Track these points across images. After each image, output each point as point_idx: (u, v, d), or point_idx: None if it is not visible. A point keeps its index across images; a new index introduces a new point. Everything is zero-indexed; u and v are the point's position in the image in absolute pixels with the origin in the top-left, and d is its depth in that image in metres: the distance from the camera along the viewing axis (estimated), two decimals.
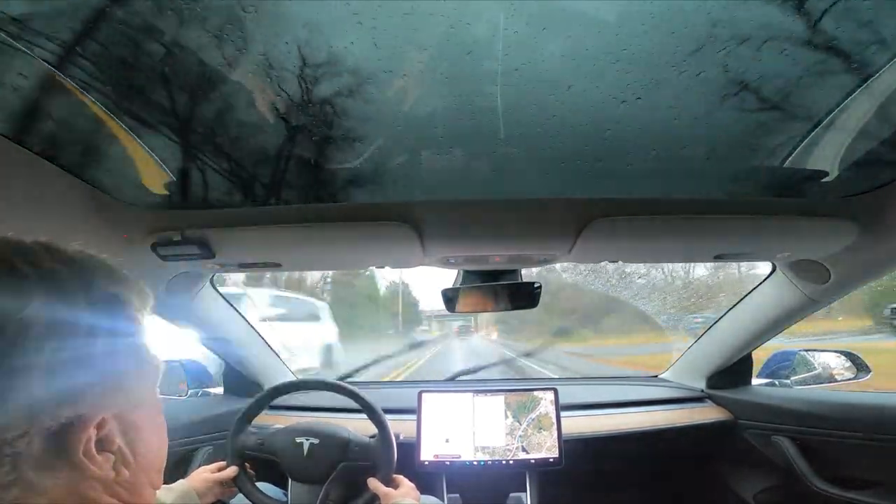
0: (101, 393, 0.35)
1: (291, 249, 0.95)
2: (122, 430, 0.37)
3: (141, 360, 0.39)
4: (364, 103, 0.58)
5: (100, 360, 0.34)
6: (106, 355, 0.35)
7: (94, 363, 0.34)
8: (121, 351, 0.37)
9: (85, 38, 0.47)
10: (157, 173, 0.72)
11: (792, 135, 0.65)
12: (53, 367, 0.31)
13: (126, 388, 0.37)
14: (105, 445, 0.35)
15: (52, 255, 0.35)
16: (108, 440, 0.35)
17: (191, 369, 1.52)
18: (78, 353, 0.33)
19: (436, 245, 0.90)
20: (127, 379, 0.37)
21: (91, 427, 0.33)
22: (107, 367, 0.35)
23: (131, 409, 0.38)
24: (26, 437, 0.31)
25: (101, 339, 0.35)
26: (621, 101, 0.57)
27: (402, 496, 0.97)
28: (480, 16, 0.46)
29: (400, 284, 17.01)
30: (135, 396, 0.38)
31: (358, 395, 1.11)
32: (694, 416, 1.44)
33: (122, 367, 0.37)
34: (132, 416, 0.38)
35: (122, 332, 0.37)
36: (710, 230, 0.88)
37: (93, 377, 0.34)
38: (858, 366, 1.37)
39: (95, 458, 0.34)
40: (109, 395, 0.35)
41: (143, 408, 0.39)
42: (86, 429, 0.33)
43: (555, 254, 0.96)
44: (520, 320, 13.75)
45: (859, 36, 0.47)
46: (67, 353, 0.32)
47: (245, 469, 1.07)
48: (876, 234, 0.84)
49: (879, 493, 1.14)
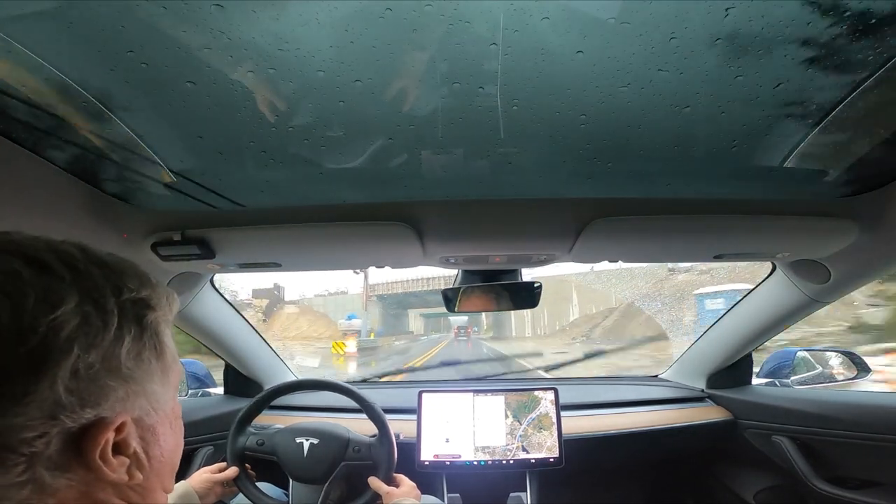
0: (125, 397, 0.35)
1: (291, 249, 0.95)
2: (140, 433, 0.37)
3: (165, 365, 0.39)
4: (364, 103, 0.58)
5: (125, 362, 0.34)
6: (131, 358, 0.35)
7: (118, 366, 0.34)
8: (145, 354, 0.37)
9: (85, 38, 0.47)
10: (158, 173, 0.72)
11: (792, 135, 0.65)
12: (80, 369, 0.31)
13: (148, 393, 0.37)
14: (121, 449, 0.35)
15: (86, 257, 0.35)
16: (124, 444, 0.35)
17: (191, 369, 1.52)
18: (105, 355, 0.33)
19: (436, 245, 0.91)
20: (150, 383, 0.37)
21: (110, 430, 0.33)
22: (132, 370, 0.35)
23: (151, 413, 0.38)
24: (45, 437, 0.30)
25: (128, 341, 0.35)
26: (621, 101, 0.57)
27: (404, 495, 0.97)
28: (480, 16, 0.46)
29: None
30: (156, 401, 0.38)
31: (358, 395, 1.11)
32: (694, 415, 1.44)
33: (145, 371, 0.36)
34: (151, 420, 0.38)
35: (149, 335, 0.37)
36: (710, 230, 0.88)
37: (117, 380, 0.34)
38: (859, 366, 1.37)
39: (111, 462, 0.34)
40: (132, 398, 0.35)
41: (162, 412, 0.39)
42: (105, 432, 0.33)
43: (555, 254, 0.96)
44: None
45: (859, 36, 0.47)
46: (95, 355, 0.32)
47: (245, 469, 1.07)
48: (876, 233, 0.84)
49: (879, 493, 1.14)
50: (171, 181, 0.75)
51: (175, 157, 0.69)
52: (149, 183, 0.76)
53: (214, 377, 1.59)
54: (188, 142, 0.67)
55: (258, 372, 1.49)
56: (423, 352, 15.75)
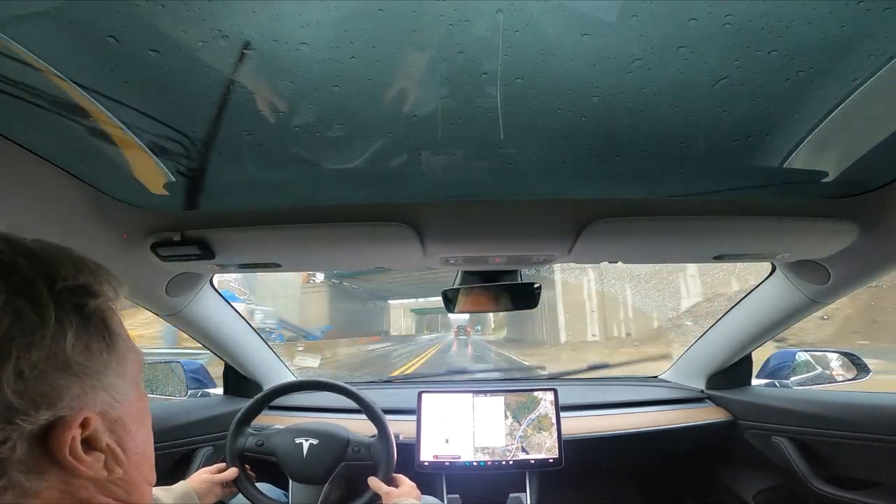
0: (81, 393, 0.33)
1: (291, 250, 0.95)
2: (109, 427, 0.35)
3: (118, 355, 0.37)
4: (364, 103, 0.58)
5: (72, 357, 0.32)
6: (78, 351, 0.33)
7: (66, 361, 0.32)
8: (94, 345, 0.34)
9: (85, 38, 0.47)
10: (157, 173, 0.72)
11: (792, 135, 0.65)
12: (24, 370, 0.30)
13: (106, 385, 0.35)
14: (92, 444, 0.34)
15: (10, 248, 0.32)
16: (94, 439, 0.34)
17: (191, 369, 1.52)
18: (48, 352, 0.31)
19: (436, 245, 0.90)
20: (106, 376, 0.35)
21: (74, 427, 0.32)
22: (82, 364, 0.33)
23: (114, 405, 0.36)
24: (9, 442, 0.30)
25: (71, 334, 0.32)
26: (621, 101, 0.57)
27: (403, 495, 0.97)
28: (480, 16, 0.46)
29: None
30: (116, 392, 0.36)
31: (357, 396, 1.11)
32: (694, 416, 1.44)
33: (97, 363, 0.34)
34: (116, 413, 0.36)
35: (94, 325, 0.35)
36: (710, 230, 0.88)
37: (68, 377, 0.32)
38: (858, 366, 1.37)
39: (84, 459, 0.33)
40: (90, 393, 0.34)
41: (127, 403, 0.37)
42: (68, 429, 0.32)
43: (554, 254, 0.96)
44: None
45: (859, 36, 0.47)
46: (36, 352, 0.30)
47: (245, 470, 1.07)
48: (876, 234, 0.84)
49: (879, 493, 1.14)
50: (170, 181, 0.75)
51: (175, 157, 0.69)
52: (148, 183, 0.76)
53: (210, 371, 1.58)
54: (188, 142, 0.67)
55: (258, 372, 1.49)
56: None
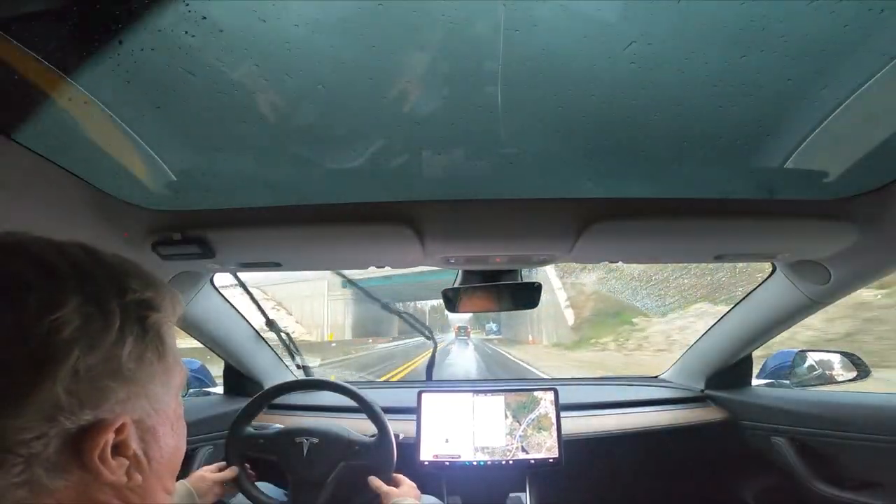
0: (125, 398, 0.34)
1: (291, 249, 0.95)
2: (140, 435, 0.36)
3: (167, 367, 0.38)
4: (364, 103, 0.58)
5: (126, 364, 0.34)
6: (133, 359, 0.35)
7: (119, 367, 0.34)
8: (147, 356, 0.36)
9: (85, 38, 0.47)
10: (158, 173, 0.72)
11: (792, 135, 0.65)
12: (80, 370, 0.31)
13: (149, 394, 0.37)
14: (120, 450, 0.35)
15: (90, 258, 0.35)
16: (124, 445, 0.35)
17: (190, 369, 1.52)
18: (106, 356, 0.33)
19: (436, 245, 0.90)
20: (152, 385, 0.37)
21: (110, 431, 0.33)
22: (133, 372, 0.35)
23: (152, 414, 0.37)
24: (44, 438, 0.30)
25: (130, 342, 0.34)
26: (622, 101, 0.57)
27: (403, 495, 0.97)
28: (480, 16, 0.46)
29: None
30: (157, 402, 0.38)
31: (358, 395, 1.11)
32: (693, 416, 1.44)
33: (146, 372, 0.36)
34: (151, 422, 0.37)
35: (151, 337, 0.37)
36: (711, 230, 0.88)
37: (118, 382, 0.34)
38: (858, 367, 1.37)
39: (109, 463, 0.33)
40: (133, 400, 0.35)
41: (163, 413, 0.38)
42: (105, 433, 0.33)
43: (555, 254, 0.96)
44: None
45: (860, 36, 0.47)
46: (96, 356, 0.32)
47: (245, 469, 1.07)
48: (876, 234, 0.84)
49: (878, 493, 1.14)
50: (171, 181, 0.75)
51: (175, 156, 0.69)
52: (149, 182, 0.76)
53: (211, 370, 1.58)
54: (189, 141, 0.67)
55: (258, 372, 1.49)
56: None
